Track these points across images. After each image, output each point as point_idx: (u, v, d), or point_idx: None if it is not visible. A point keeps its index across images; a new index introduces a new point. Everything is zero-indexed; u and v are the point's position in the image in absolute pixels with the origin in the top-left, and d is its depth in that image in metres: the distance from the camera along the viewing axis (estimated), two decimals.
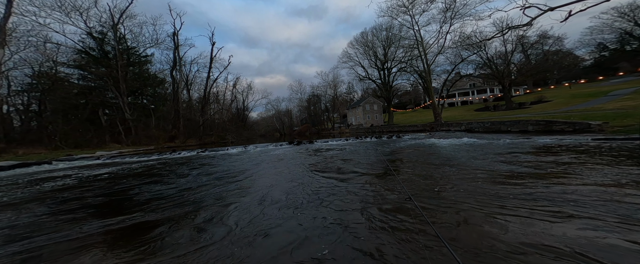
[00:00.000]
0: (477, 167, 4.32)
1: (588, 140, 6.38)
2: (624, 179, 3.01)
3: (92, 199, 3.98)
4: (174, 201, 3.50)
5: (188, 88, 33.22)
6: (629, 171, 3.36)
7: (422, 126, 21.08)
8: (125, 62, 24.57)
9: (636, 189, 2.64)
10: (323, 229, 2.21)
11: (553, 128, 9.32)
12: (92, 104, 22.53)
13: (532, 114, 17.97)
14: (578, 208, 2.28)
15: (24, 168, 8.92)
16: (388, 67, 34.86)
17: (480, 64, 33.07)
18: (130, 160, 10.78)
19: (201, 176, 5.56)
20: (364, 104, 47.84)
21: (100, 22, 23.66)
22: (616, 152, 4.67)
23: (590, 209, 2.24)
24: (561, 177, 3.35)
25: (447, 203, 2.65)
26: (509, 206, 2.45)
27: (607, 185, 2.85)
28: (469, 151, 6.28)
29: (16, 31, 18.43)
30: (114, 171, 7.25)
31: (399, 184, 3.47)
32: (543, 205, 2.40)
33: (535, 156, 4.90)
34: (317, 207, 2.81)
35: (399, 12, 22.11)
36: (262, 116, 72.47)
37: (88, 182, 5.67)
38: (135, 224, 2.71)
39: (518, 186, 3.06)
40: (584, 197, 2.54)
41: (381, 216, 2.41)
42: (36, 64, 21.59)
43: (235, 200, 3.37)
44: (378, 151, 7.95)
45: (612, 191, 2.65)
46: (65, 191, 4.77)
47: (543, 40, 36.72)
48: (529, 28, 19.29)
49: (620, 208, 2.20)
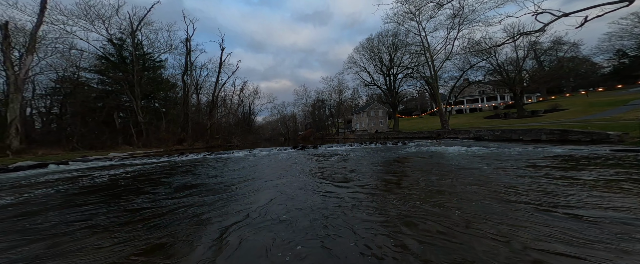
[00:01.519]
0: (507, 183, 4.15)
1: (606, 151, 6.04)
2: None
3: (105, 204, 4.10)
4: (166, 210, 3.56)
5: (197, 92, 34.29)
6: None
7: (429, 133, 20.65)
8: (140, 67, 25.77)
9: None
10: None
11: (568, 138, 8.90)
12: (108, 108, 23.62)
13: (545, 122, 17.28)
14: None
15: (40, 169, 9.36)
16: (394, 73, 34.76)
17: (490, 70, 32.40)
18: (140, 162, 11.12)
19: (212, 179, 5.64)
20: (369, 109, 47.62)
21: (121, 29, 25.11)
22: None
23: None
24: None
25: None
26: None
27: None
28: (485, 160, 6.06)
29: (45, 39, 19.83)
30: (119, 173, 7.48)
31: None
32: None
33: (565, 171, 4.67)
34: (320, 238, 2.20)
35: (405, 18, 22.18)
36: (267, 120, 73.43)
37: (103, 183, 5.86)
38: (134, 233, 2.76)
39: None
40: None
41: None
42: (61, 69, 23.05)
43: (239, 213, 3.38)
44: (385, 158, 7.82)
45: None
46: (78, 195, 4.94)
47: (557, 46, 35.65)
48: (541, 34, 18.84)
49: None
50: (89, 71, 25.03)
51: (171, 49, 29.47)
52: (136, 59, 24.97)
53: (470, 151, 8.33)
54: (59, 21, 20.13)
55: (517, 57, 31.61)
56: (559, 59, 38.94)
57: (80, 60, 24.45)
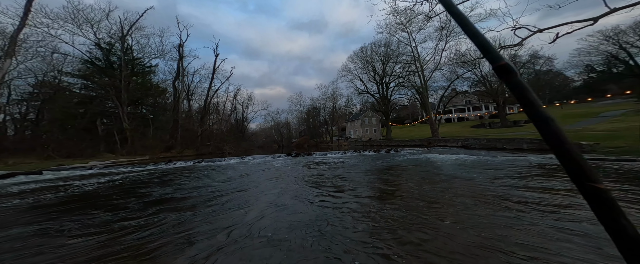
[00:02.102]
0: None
1: None
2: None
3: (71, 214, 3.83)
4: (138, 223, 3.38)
5: (189, 98, 33.57)
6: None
7: (420, 141, 21.18)
8: (129, 72, 25.03)
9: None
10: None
11: (547, 147, 9.44)
12: (91, 114, 22.52)
13: (526, 132, 18.25)
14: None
15: (5, 180, 8.60)
16: (386, 82, 35.83)
17: (475, 81, 34.15)
18: (123, 170, 10.55)
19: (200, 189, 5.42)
20: (363, 117, 48.38)
21: (110, 33, 24.48)
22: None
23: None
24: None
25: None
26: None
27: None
28: (475, 169, 6.26)
29: (26, 42, 18.92)
30: (102, 182, 7.06)
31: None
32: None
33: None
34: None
35: (397, 29, 23.29)
36: (261, 127, 72.59)
37: (75, 194, 5.48)
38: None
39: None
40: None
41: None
42: (40, 74, 21.91)
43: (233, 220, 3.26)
44: (379, 166, 7.90)
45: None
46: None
47: (534, 59, 38.38)
48: (520, 48, 20.32)
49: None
50: (71, 76, 23.92)
51: (163, 55, 28.98)
52: (125, 64, 24.28)
53: (459, 159, 8.61)
54: (42, 24, 19.39)
55: None
56: (536, 72, 41.83)
57: (63, 65, 23.42)
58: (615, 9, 5.58)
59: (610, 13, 5.66)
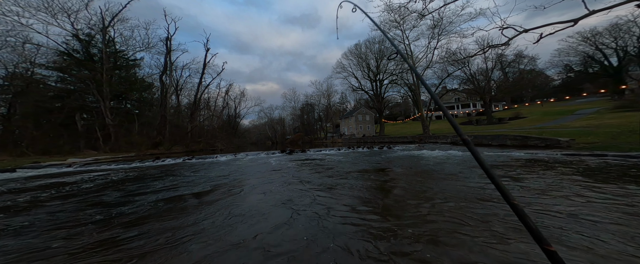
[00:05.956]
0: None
1: (558, 155, 6.86)
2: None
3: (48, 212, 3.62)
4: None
5: (177, 94, 32.34)
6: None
7: (412, 138, 21.67)
8: (111, 66, 23.67)
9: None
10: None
11: (528, 143, 9.95)
12: (68, 108, 21.19)
13: (510, 129, 19.12)
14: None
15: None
16: (380, 79, 36.17)
17: (464, 79, 35.21)
18: (106, 168, 10.07)
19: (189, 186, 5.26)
20: (357, 114, 48.76)
21: (90, 24, 22.93)
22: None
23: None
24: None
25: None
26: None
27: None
28: (461, 165, 6.47)
29: None
30: (77, 180, 6.71)
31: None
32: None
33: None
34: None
35: (391, 26, 23.44)
36: (254, 124, 71.54)
37: (43, 196, 5.18)
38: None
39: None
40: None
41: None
42: (11, 65, 20.25)
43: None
44: (374, 163, 8.01)
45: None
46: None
47: (519, 59, 40.09)
48: (506, 47, 21.01)
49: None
50: (46, 68, 22.27)
51: (149, 48, 27.60)
52: (106, 57, 22.94)
53: (448, 154, 8.90)
54: (12, 12, 17.86)
55: (487, 68, 34.84)
56: (520, 71, 43.72)
57: (36, 56, 21.73)
58: (594, 11, 5.87)
59: (589, 15, 5.95)
